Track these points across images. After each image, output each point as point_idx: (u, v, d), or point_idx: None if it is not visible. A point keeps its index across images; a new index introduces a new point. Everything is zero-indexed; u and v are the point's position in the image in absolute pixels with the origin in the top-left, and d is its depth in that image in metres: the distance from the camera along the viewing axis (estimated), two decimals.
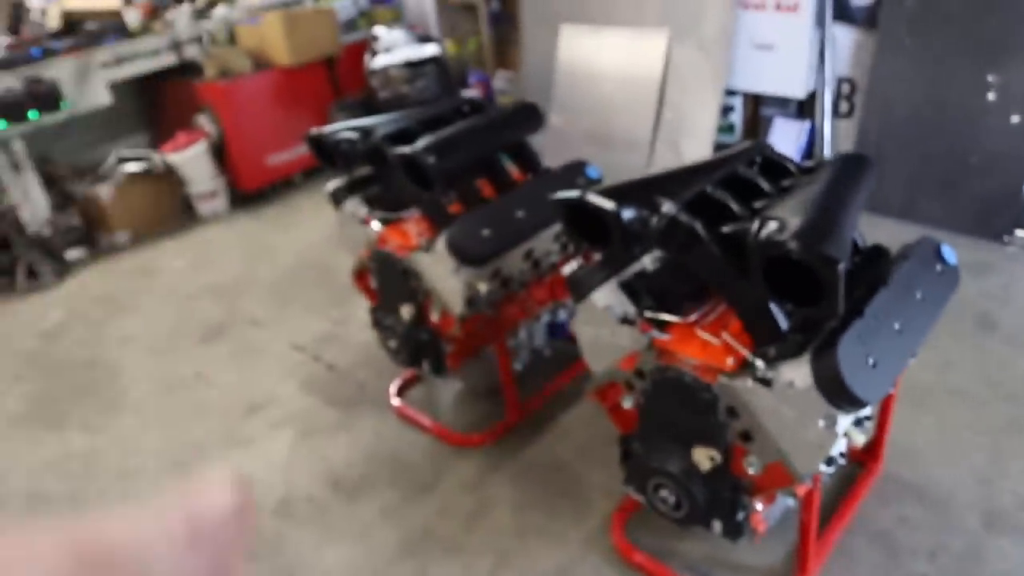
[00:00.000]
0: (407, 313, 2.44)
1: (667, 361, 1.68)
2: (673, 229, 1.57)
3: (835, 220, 1.40)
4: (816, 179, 1.61)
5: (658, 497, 1.80)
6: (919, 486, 2.24)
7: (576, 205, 1.63)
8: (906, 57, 3.65)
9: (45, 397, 3.26)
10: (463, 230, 2.15)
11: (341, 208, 2.56)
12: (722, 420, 1.62)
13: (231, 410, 2.99)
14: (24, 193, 4.32)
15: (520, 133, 2.51)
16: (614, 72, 4.65)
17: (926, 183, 3.67)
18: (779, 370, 1.48)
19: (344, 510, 2.41)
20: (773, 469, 1.60)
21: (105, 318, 3.87)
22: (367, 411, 2.87)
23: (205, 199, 4.92)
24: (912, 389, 2.60)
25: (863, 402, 1.40)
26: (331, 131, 2.45)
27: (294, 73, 5.01)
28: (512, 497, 2.38)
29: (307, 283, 3.93)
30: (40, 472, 2.79)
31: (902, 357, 1.58)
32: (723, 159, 1.82)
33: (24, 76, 4.16)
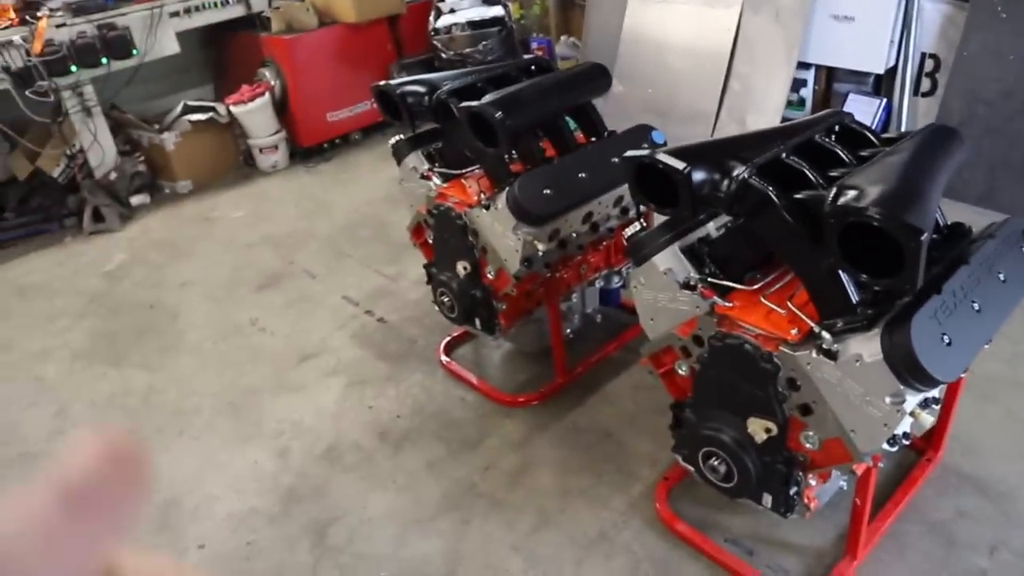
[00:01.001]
0: (462, 270, 2.44)
1: (728, 328, 1.63)
2: (744, 193, 1.51)
3: (919, 189, 1.33)
4: (899, 149, 1.53)
5: (708, 466, 1.77)
6: (980, 479, 2.16)
7: (646, 164, 1.59)
8: (1001, 32, 3.44)
9: (107, 335, 3.38)
10: (525, 188, 2.12)
11: (403, 162, 2.56)
12: (781, 391, 1.57)
13: (284, 357, 3.05)
14: (93, 138, 4.43)
15: (587, 94, 2.45)
16: (681, 42, 4.52)
17: (1011, 170, 3.48)
18: (846, 343, 1.42)
19: (390, 460, 2.45)
20: (832, 445, 1.55)
21: (166, 262, 3.97)
22: (416, 366, 2.89)
23: (266, 152, 4.98)
24: (979, 379, 2.49)
25: (935, 380, 1.34)
26: (398, 83, 2.43)
27: (358, 30, 5.01)
28: (557, 458, 2.37)
29: (362, 239, 3.97)
30: (102, 406, 2.90)
31: (979, 338, 1.50)
32: (800, 125, 1.75)
33: (97, 23, 4.25)
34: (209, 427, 2.71)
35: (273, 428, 2.66)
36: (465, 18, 5.04)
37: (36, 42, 4.02)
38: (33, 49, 4.01)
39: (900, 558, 1.94)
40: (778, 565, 1.96)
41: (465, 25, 5.02)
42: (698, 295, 1.67)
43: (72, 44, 4.14)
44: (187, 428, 2.72)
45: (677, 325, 1.75)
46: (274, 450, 2.56)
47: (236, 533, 2.25)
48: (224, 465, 2.52)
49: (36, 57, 4.01)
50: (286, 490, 2.38)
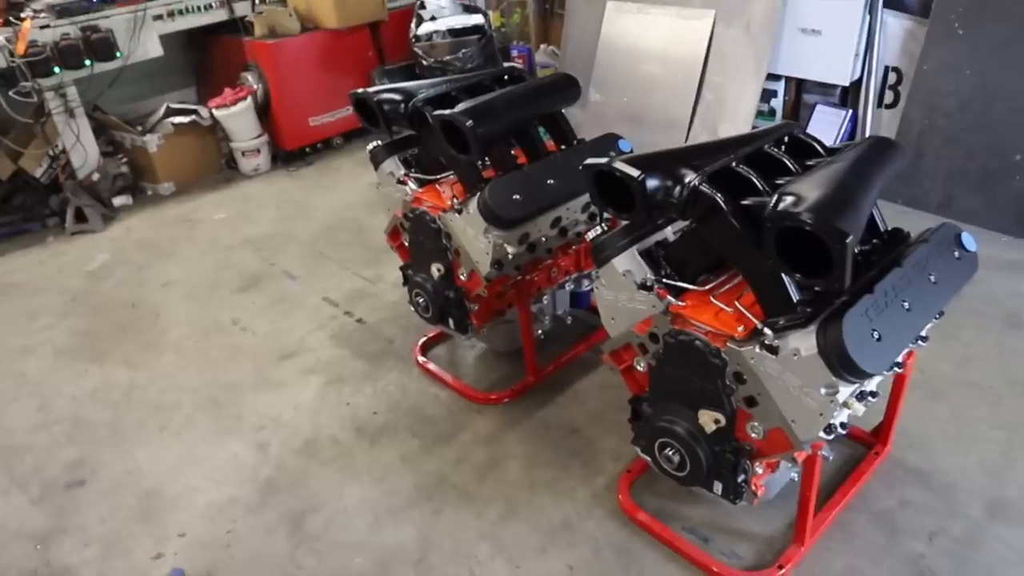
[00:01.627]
0: (437, 271, 2.53)
1: (680, 326, 1.74)
2: (695, 199, 1.62)
3: (850, 196, 1.45)
4: (839, 158, 1.65)
5: (663, 456, 1.88)
6: (926, 472, 2.28)
7: (604, 172, 1.70)
8: (957, 48, 3.60)
9: (89, 332, 3.44)
10: (495, 193, 2.22)
11: (380, 167, 2.65)
12: (729, 384, 1.68)
13: (264, 355, 3.13)
14: (76, 139, 4.48)
15: (557, 104, 2.56)
16: (657, 51, 4.66)
17: (967, 179, 3.64)
18: (786, 339, 1.54)
19: (366, 454, 2.54)
20: (775, 435, 1.67)
21: (148, 263, 4.03)
22: (393, 365, 2.98)
23: (248, 155, 5.06)
24: (930, 380, 2.64)
25: (865, 373, 1.46)
26: (375, 91, 2.53)
27: (340, 36, 5.10)
28: (525, 453, 2.47)
29: (342, 242, 4.05)
30: (84, 400, 2.96)
31: (909, 334, 1.62)
32: (752, 136, 1.87)
33: (80, 25, 4.31)
34: (190, 422, 2.78)
35: (253, 423, 2.74)
36: (446, 26, 5.15)
37: (20, 43, 4.07)
38: (16, 50, 4.06)
39: (845, 544, 2.06)
40: (732, 551, 2.07)
41: (446, 33, 5.13)
42: (654, 295, 1.78)
43: (56, 46, 4.20)
44: (168, 423, 2.79)
45: (635, 323, 1.86)
46: (254, 444, 2.64)
47: (216, 522, 2.32)
48: (204, 458, 2.60)
49: (19, 58, 4.07)
50: (265, 481, 2.46)
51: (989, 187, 3.56)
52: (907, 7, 3.81)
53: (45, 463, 2.65)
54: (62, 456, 2.68)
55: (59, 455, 2.68)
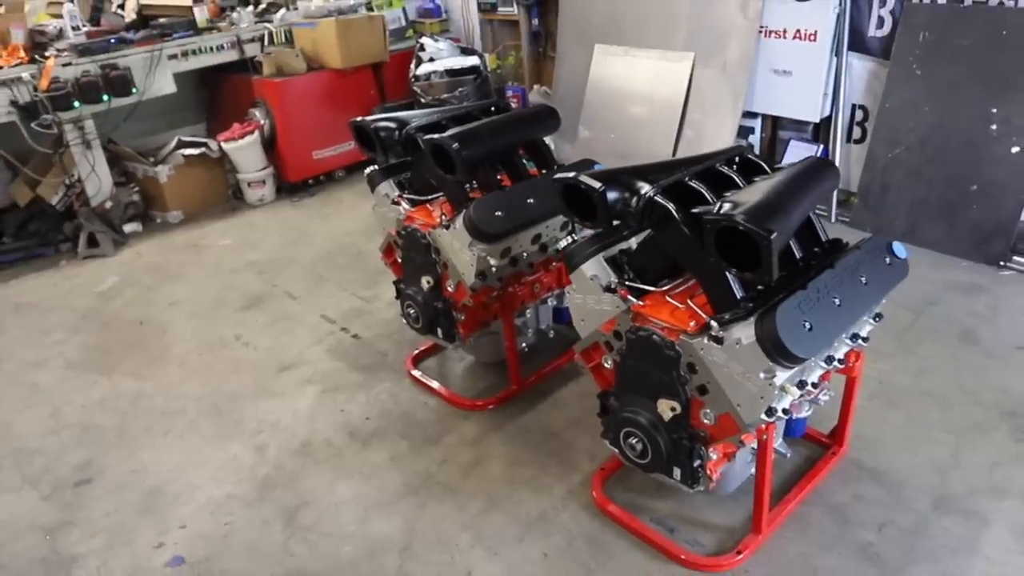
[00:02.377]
0: (426, 284, 2.74)
1: (640, 323, 1.94)
2: (650, 209, 1.84)
3: (778, 202, 1.66)
4: (777, 175, 1.87)
5: (628, 445, 2.06)
6: (878, 470, 2.45)
7: (571, 184, 1.91)
8: (916, 88, 3.86)
9: (99, 348, 3.63)
10: (479, 210, 2.43)
11: (376, 189, 2.88)
12: (683, 375, 1.87)
13: (264, 368, 3.31)
14: (91, 169, 4.73)
15: (537, 131, 2.80)
16: (641, 91, 4.94)
17: (929, 208, 3.86)
18: (730, 330, 1.73)
19: (357, 455, 2.70)
20: (724, 420, 1.85)
21: (156, 284, 4.24)
22: (386, 376, 3.16)
23: (254, 186, 5.31)
24: (887, 390, 2.82)
25: (796, 357, 1.65)
26: (372, 120, 2.77)
27: (344, 76, 5.40)
28: (507, 454, 2.64)
29: (341, 266, 4.26)
30: (93, 408, 3.14)
31: (838, 327, 1.81)
32: (706, 156, 2.09)
33: (100, 63, 4.60)
34: (193, 427, 2.96)
35: (252, 428, 2.92)
36: (444, 67, 5.46)
37: (43, 79, 4.35)
38: (40, 85, 4.34)
39: (800, 533, 2.22)
40: (695, 540, 2.23)
41: (443, 73, 5.43)
42: (618, 297, 1.98)
43: (76, 82, 4.47)
44: (172, 428, 2.96)
45: (602, 323, 2.05)
46: (252, 446, 2.81)
47: (215, 516, 2.48)
48: (206, 459, 2.76)
49: (42, 93, 4.35)
50: (262, 479, 2.63)
51: (949, 216, 3.78)
52: (870, 50, 4.09)
53: (55, 464, 2.82)
54: (71, 458, 2.84)
55: (68, 457, 2.85)
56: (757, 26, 4.32)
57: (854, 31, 4.09)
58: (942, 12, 3.76)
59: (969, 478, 2.39)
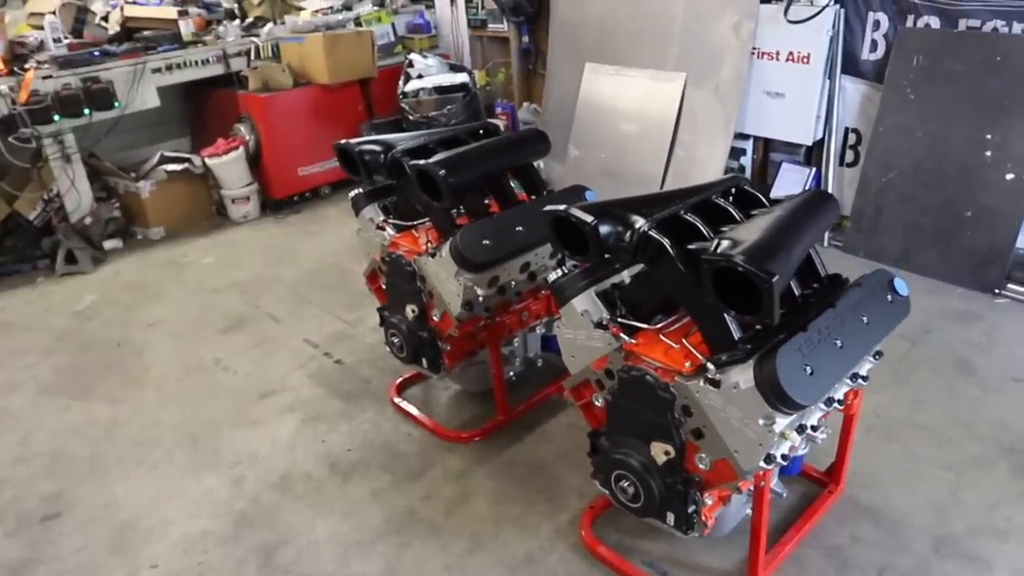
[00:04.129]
0: (411, 312, 2.65)
1: (633, 362, 1.86)
2: (644, 244, 1.76)
3: (780, 241, 1.59)
4: (777, 208, 1.80)
5: (619, 488, 1.97)
6: (876, 509, 2.38)
7: (562, 217, 1.84)
8: (910, 112, 3.83)
9: (74, 370, 3.51)
10: (466, 238, 2.35)
11: (360, 213, 2.79)
12: (677, 417, 1.79)
13: (244, 394, 3.21)
14: (71, 184, 4.62)
15: (527, 156, 2.72)
16: (632, 111, 4.89)
17: (923, 234, 3.82)
18: (728, 373, 1.66)
19: (338, 489, 2.60)
20: (721, 465, 1.77)
21: (135, 304, 4.13)
22: (369, 404, 3.07)
23: (238, 202, 5.21)
24: (883, 422, 2.76)
25: (797, 404, 1.57)
26: (357, 143, 2.69)
27: (331, 91, 5.32)
28: (493, 489, 2.55)
29: (325, 286, 4.17)
30: (65, 435, 3.02)
31: (841, 370, 1.74)
32: (702, 187, 2.02)
33: (82, 76, 4.50)
34: (168, 457, 2.85)
35: (230, 458, 2.81)
36: (432, 83, 5.39)
37: (22, 92, 4.25)
38: (19, 98, 4.24)
39: None
40: None
41: (432, 90, 5.37)
42: (609, 334, 1.90)
43: (56, 95, 4.37)
44: (147, 457, 2.85)
45: (593, 360, 1.97)
46: (229, 478, 2.70)
47: (188, 554, 2.38)
48: (181, 492, 2.66)
49: (21, 106, 4.24)
50: (238, 515, 2.52)
51: (943, 242, 3.74)
52: (863, 73, 4.06)
53: (22, 495, 2.70)
54: (40, 489, 2.73)
55: (37, 488, 2.73)
56: (750, 47, 4.28)
57: (847, 54, 4.06)
58: (936, 37, 3.73)
59: (969, 518, 2.32)
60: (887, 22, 3.89)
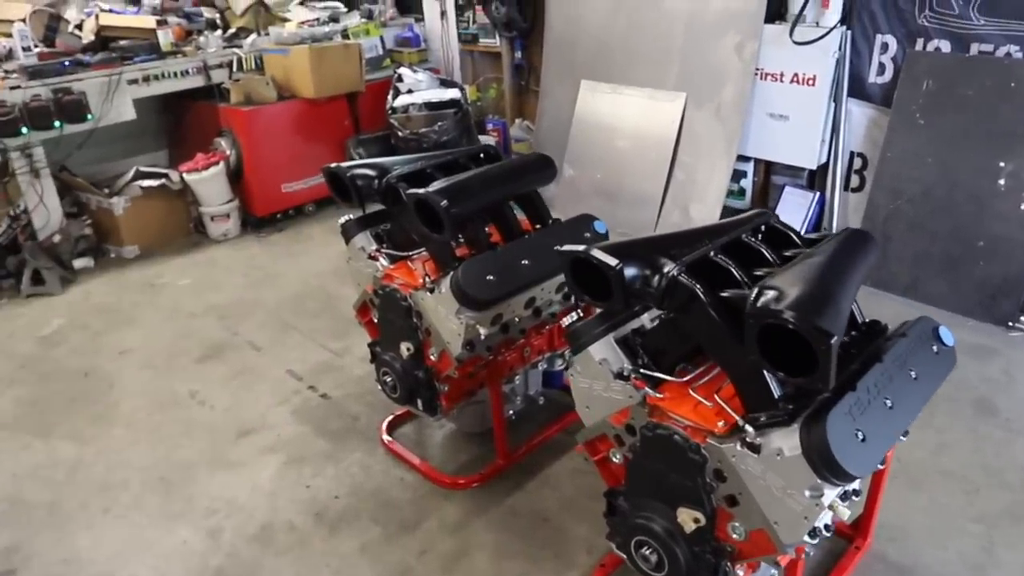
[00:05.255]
0: (406, 350, 2.45)
1: (658, 419, 1.68)
2: (673, 290, 1.59)
3: (832, 293, 1.42)
4: (818, 251, 1.64)
5: (640, 555, 1.79)
6: (907, 568, 2.21)
7: (580, 259, 1.66)
8: (919, 137, 3.71)
9: (36, 403, 3.26)
10: (468, 273, 2.17)
11: (351, 242, 2.60)
12: (709, 482, 1.61)
13: (222, 432, 2.99)
14: (39, 199, 4.37)
15: (532, 183, 2.55)
16: (630, 130, 4.74)
17: (932, 263, 3.69)
18: (768, 437, 1.48)
19: (324, 543, 2.39)
20: (757, 536, 1.59)
21: (105, 329, 3.89)
22: (357, 444, 2.86)
23: (217, 220, 4.98)
24: (906, 468, 2.60)
25: (850, 475, 1.40)
26: (348, 167, 2.49)
27: (317, 105, 5.12)
28: (494, 543, 2.35)
29: (310, 312, 3.96)
30: (23, 478, 2.78)
31: (892, 433, 1.58)
32: (729, 224, 1.85)
33: (53, 87, 4.27)
34: (137, 504, 2.62)
35: (205, 506, 2.58)
36: (422, 99, 5.21)
37: None
38: None
39: None
40: None
41: (422, 106, 5.18)
42: (631, 385, 1.72)
43: (25, 106, 4.14)
44: (113, 505, 2.62)
45: (611, 414, 1.79)
46: (205, 529, 2.48)
47: None
48: (150, 545, 2.43)
49: None
50: (214, 572, 2.30)
51: (954, 271, 3.61)
52: (870, 96, 3.94)
53: None
54: None
55: None
56: (753, 68, 4.15)
57: (854, 77, 3.94)
58: (947, 61, 3.62)
59: None
60: (895, 45, 3.78)
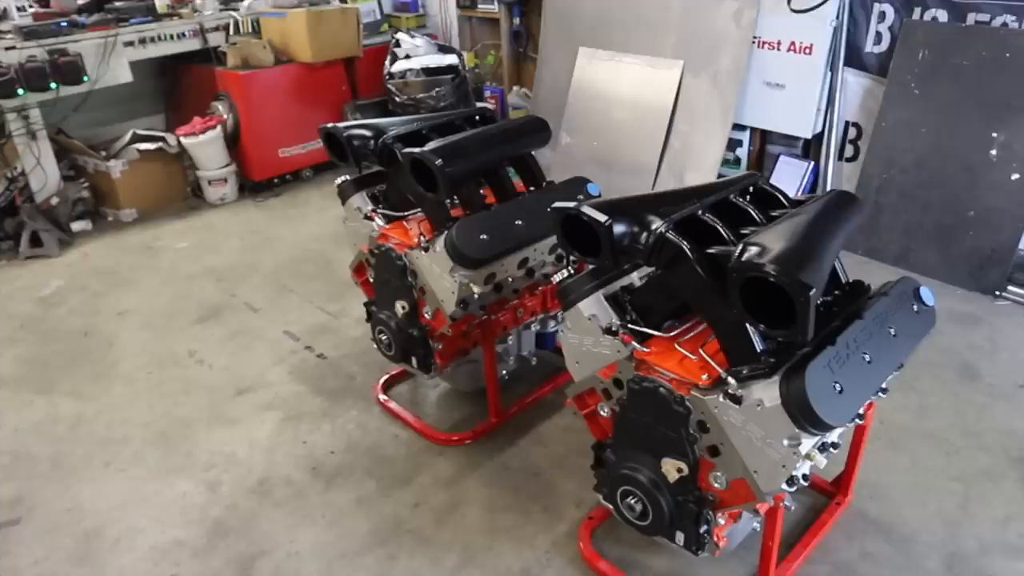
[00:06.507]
0: (401, 309, 2.50)
1: (645, 372, 1.73)
2: (661, 246, 1.63)
3: (813, 249, 1.46)
4: (803, 211, 1.67)
5: (626, 504, 1.85)
6: (886, 523, 2.28)
7: (572, 215, 1.69)
8: (914, 107, 3.73)
9: (37, 361, 3.31)
10: (462, 233, 2.20)
11: (347, 202, 2.62)
12: (692, 433, 1.67)
13: (220, 390, 3.04)
14: (36, 162, 4.39)
15: (527, 146, 2.57)
16: (626, 97, 4.74)
17: (923, 232, 3.73)
18: (750, 389, 1.53)
19: (320, 496, 2.46)
20: (738, 485, 1.65)
21: (104, 290, 3.93)
22: (353, 402, 2.92)
23: (215, 184, 4.99)
24: (889, 430, 2.66)
25: (827, 425, 1.45)
26: (345, 127, 2.51)
27: (314, 70, 5.11)
28: (486, 497, 2.42)
29: (307, 275, 3.99)
30: (26, 433, 2.83)
31: (870, 386, 1.63)
32: (719, 185, 1.88)
33: (48, 48, 4.25)
34: (137, 458, 2.68)
35: (204, 460, 2.65)
36: (420, 64, 5.19)
37: None
38: None
39: None
40: None
41: (420, 71, 5.17)
42: (619, 340, 1.77)
43: (21, 67, 4.13)
44: (114, 458, 2.68)
45: (599, 368, 1.84)
46: (204, 482, 2.54)
47: (158, 566, 2.22)
48: (150, 496, 2.49)
49: None
50: (213, 523, 2.36)
51: (944, 241, 3.65)
52: (867, 66, 3.95)
53: None
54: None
55: None
56: (751, 36, 4.15)
57: (851, 46, 3.94)
58: (943, 31, 3.62)
59: (981, 534, 2.23)
60: (893, 14, 3.78)
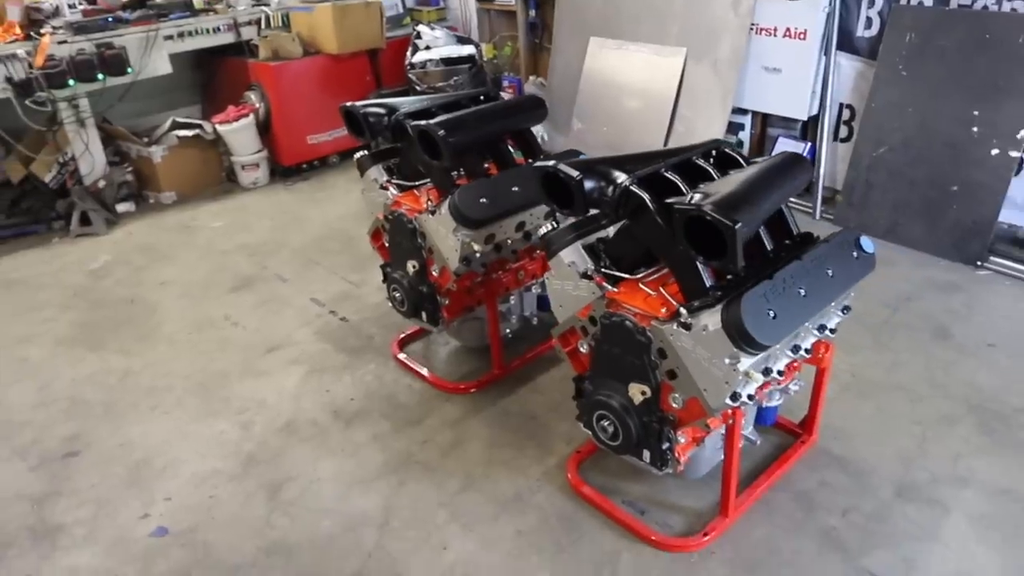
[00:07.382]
0: (412, 268, 2.79)
1: (614, 309, 2.00)
2: (626, 198, 1.89)
3: (747, 195, 1.72)
4: (749, 168, 1.93)
5: (600, 427, 2.12)
6: (846, 459, 2.52)
7: (549, 172, 1.97)
8: (901, 88, 3.92)
9: (89, 324, 3.67)
10: (464, 196, 2.48)
11: (365, 174, 2.93)
12: (654, 360, 1.93)
13: (252, 348, 3.37)
14: (85, 147, 4.77)
15: (524, 121, 2.85)
16: (634, 85, 4.98)
17: (910, 207, 3.93)
18: (698, 317, 1.79)
19: (340, 434, 2.76)
20: (692, 404, 1.91)
21: (147, 264, 4.29)
22: (372, 358, 3.22)
23: (247, 169, 5.35)
24: (860, 382, 2.89)
25: (760, 344, 1.71)
26: (362, 104, 2.81)
27: (340, 61, 5.43)
28: (487, 436, 2.71)
29: (331, 250, 4.31)
30: (81, 383, 3.19)
31: (802, 315, 1.87)
32: (684, 149, 2.14)
33: (96, 41, 4.62)
34: (180, 403, 3.01)
35: (238, 405, 2.97)
36: (439, 55, 5.49)
37: (38, 56, 4.38)
38: (35, 62, 4.37)
39: (766, 517, 2.29)
40: (664, 522, 2.30)
41: (439, 61, 5.47)
42: (594, 283, 2.04)
43: (71, 60, 4.50)
44: (160, 404, 3.02)
45: (578, 309, 2.11)
46: (238, 423, 2.86)
47: (199, 489, 2.54)
48: (192, 434, 2.82)
49: (37, 70, 4.37)
50: (247, 455, 2.69)
51: (930, 215, 3.85)
52: (858, 50, 4.14)
53: (43, 436, 2.87)
54: (59, 431, 2.89)
55: (56, 430, 2.90)
56: (748, 23, 4.37)
57: (843, 31, 4.14)
58: (928, 14, 3.81)
59: (933, 468, 2.46)
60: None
